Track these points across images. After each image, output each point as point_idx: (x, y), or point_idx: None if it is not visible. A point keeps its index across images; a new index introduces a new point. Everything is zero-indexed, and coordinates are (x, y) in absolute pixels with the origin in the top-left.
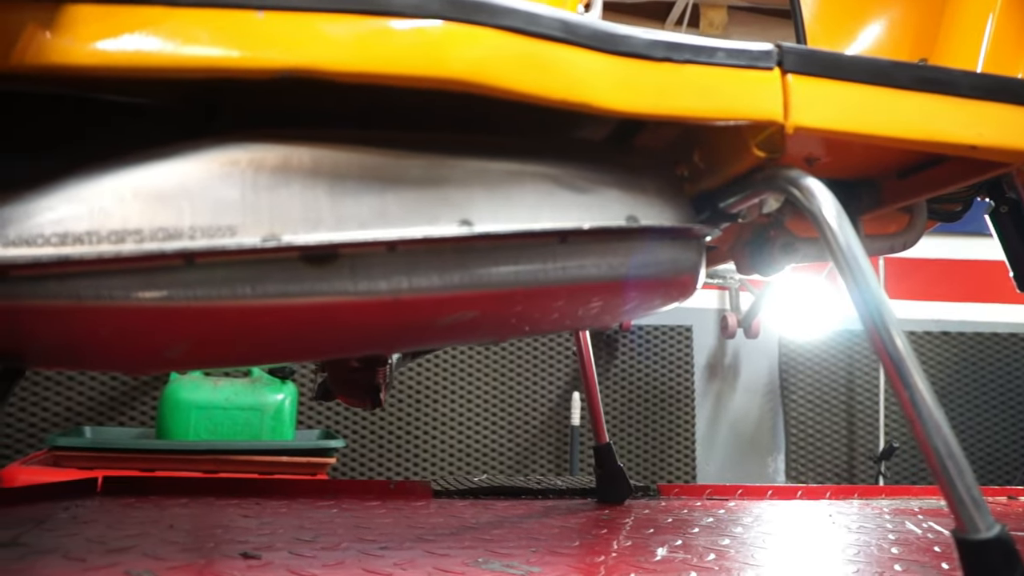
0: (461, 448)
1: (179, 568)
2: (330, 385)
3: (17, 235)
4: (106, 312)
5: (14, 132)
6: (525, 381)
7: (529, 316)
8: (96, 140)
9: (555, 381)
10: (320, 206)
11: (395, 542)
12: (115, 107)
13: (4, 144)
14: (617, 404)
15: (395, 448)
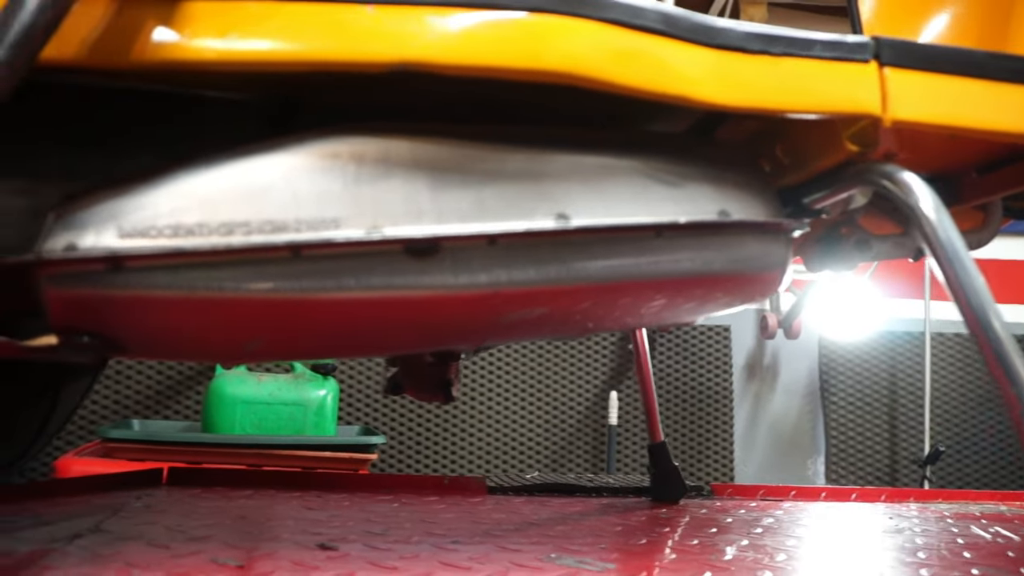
0: (497, 445)
1: (261, 557)
2: (401, 380)
3: (131, 227)
4: (214, 303)
5: (116, 127)
6: (562, 380)
7: (621, 311)
8: (188, 134)
9: (592, 380)
10: (421, 199)
11: (464, 537)
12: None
13: (109, 139)
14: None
15: (432, 445)
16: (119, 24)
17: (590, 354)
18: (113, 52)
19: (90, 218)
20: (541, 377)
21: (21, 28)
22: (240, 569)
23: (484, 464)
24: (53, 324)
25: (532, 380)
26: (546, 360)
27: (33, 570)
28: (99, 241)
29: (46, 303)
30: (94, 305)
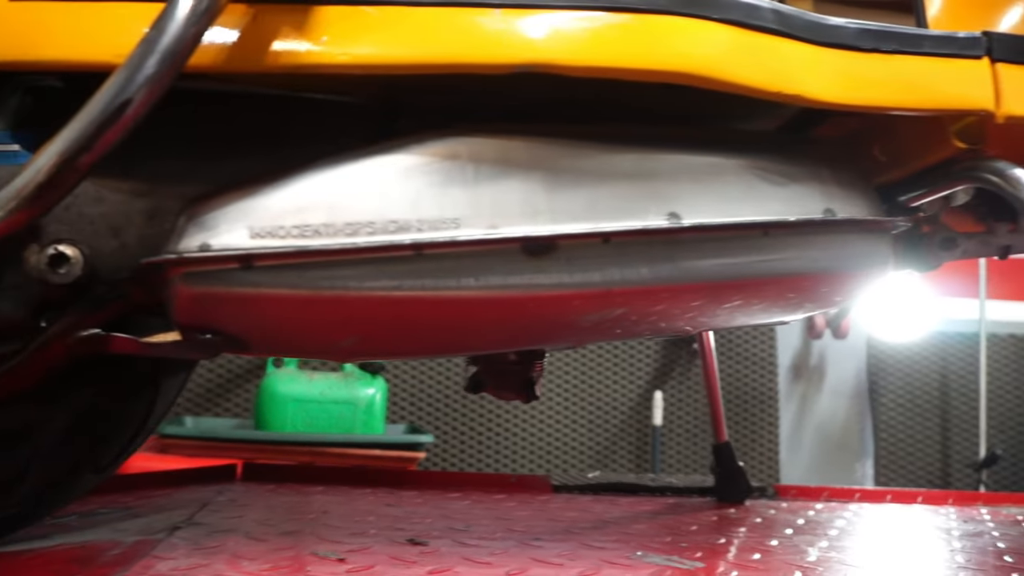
0: (540, 445)
1: (358, 551)
2: (482, 378)
3: (261, 227)
4: (338, 301)
5: (226, 131)
6: (606, 380)
7: (726, 310)
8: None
9: (636, 380)
10: (537, 199)
11: (545, 534)
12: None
13: (220, 142)
14: (699, 404)
15: (475, 444)
16: (254, 31)
17: (634, 354)
18: (248, 58)
19: (221, 219)
20: (585, 377)
21: (172, 40)
22: (341, 562)
23: (527, 463)
24: (178, 322)
25: (576, 380)
26: (590, 360)
27: (147, 559)
28: (231, 241)
29: (175, 301)
30: (222, 303)
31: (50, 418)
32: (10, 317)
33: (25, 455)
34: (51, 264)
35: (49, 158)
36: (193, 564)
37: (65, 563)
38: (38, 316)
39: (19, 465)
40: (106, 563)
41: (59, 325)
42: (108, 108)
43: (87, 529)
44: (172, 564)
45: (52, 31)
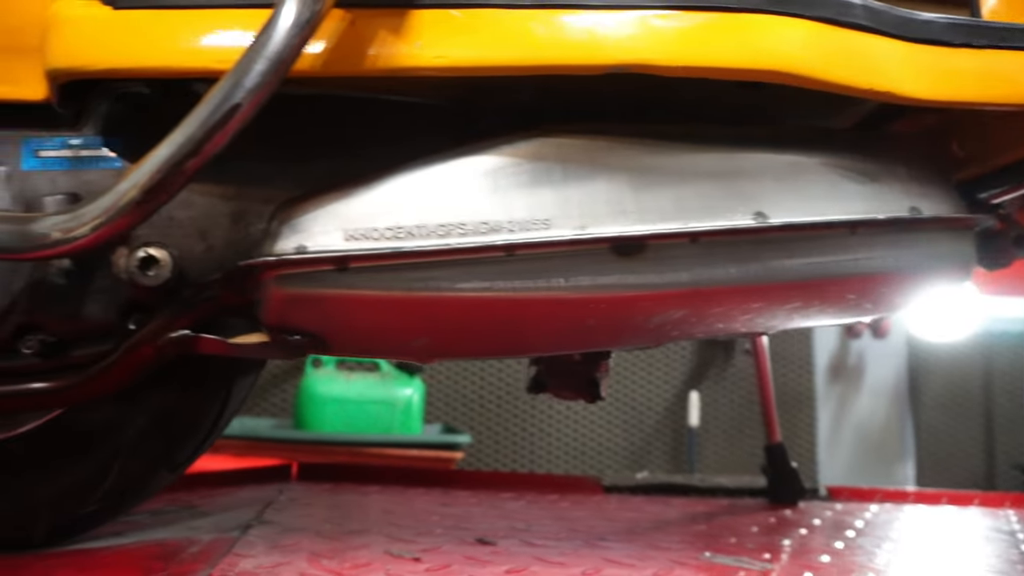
0: (575, 445)
1: (430, 550)
2: (544, 378)
3: (355, 229)
4: (430, 302)
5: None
6: (641, 380)
7: (810, 309)
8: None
9: (671, 380)
10: (625, 199)
11: (609, 534)
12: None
13: (317, 145)
14: (736, 405)
15: (511, 444)
16: (351, 36)
17: (669, 354)
18: (345, 62)
19: (316, 221)
20: (620, 377)
21: (279, 46)
22: (417, 561)
23: (562, 464)
24: (268, 323)
25: (611, 380)
26: (625, 360)
27: (229, 556)
28: (327, 243)
29: (267, 302)
30: (315, 304)
31: (130, 418)
32: (99, 319)
33: (106, 454)
34: (141, 267)
35: (157, 162)
36: (275, 562)
37: (147, 560)
38: (126, 318)
39: (101, 464)
40: (188, 560)
41: (150, 327)
42: (217, 113)
43: (159, 527)
44: (255, 562)
45: (155, 39)
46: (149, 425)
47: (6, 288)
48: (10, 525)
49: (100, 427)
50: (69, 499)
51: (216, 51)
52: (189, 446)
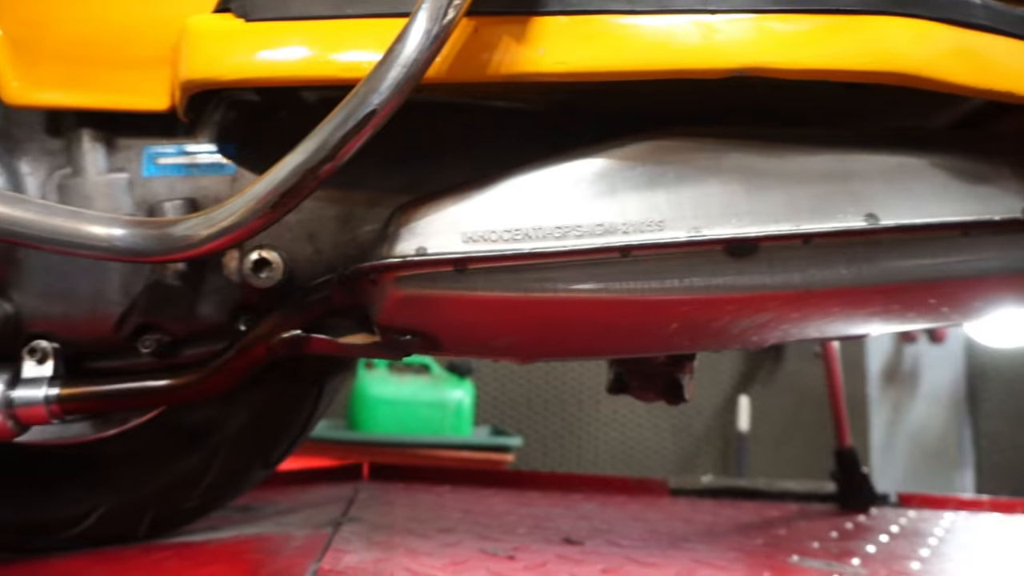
0: (623, 449)
1: (521, 548)
2: (627, 379)
3: (473, 231)
4: (546, 303)
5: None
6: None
7: (919, 311)
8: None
9: (719, 385)
10: (737, 200)
11: (691, 536)
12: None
13: (422, 150)
14: (785, 410)
15: (558, 447)
16: (476, 43)
17: (718, 358)
18: (469, 69)
19: (435, 224)
20: None
21: (415, 53)
22: (512, 559)
23: (610, 467)
24: (381, 323)
25: None
26: None
27: (331, 551)
28: (447, 245)
29: (384, 303)
30: (432, 305)
31: (231, 416)
32: (211, 319)
33: (208, 450)
34: (254, 269)
35: (291, 166)
36: (376, 558)
37: (250, 553)
38: (235, 319)
39: (203, 460)
40: (294, 554)
41: (263, 327)
42: (353, 119)
43: (248, 522)
44: (357, 557)
45: (285, 50)
46: (248, 423)
47: (127, 290)
48: (117, 518)
49: (202, 424)
50: (172, 493)
51: (345, 60)
52: (283, 443)
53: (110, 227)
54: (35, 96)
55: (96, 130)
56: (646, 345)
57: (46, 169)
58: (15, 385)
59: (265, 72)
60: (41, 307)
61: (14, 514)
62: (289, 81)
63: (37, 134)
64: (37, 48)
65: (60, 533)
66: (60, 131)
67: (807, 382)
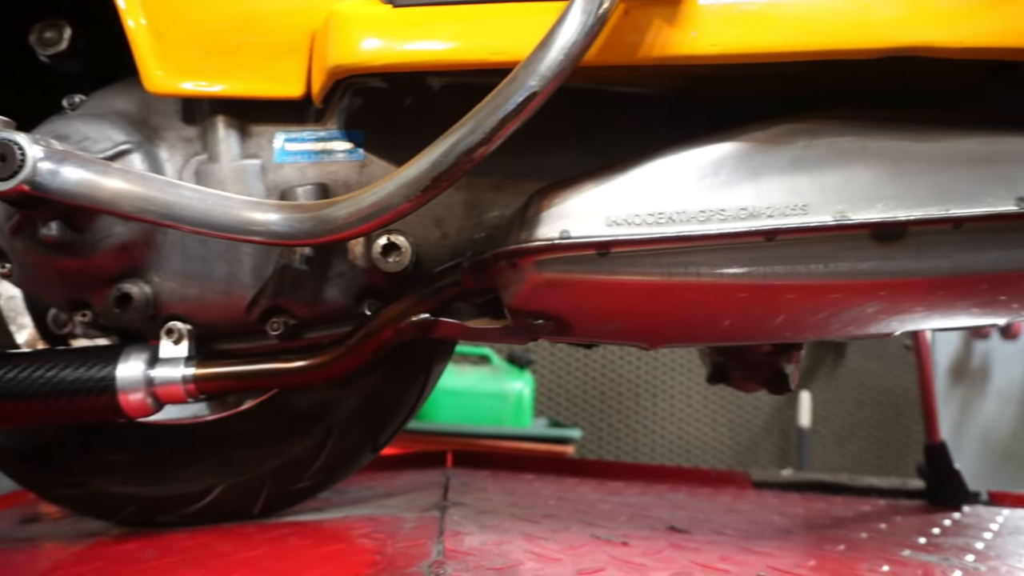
0: (679, 443)
1: (630, 535)
2: (728, 369)
3: (617, 215)
4: (687, 288)
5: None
6: None
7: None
8: (608, 129)
9: None
10: (883, 184)
11: (795, 528)
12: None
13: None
14: (846, 406)
15: (613, 439)
16: (627, 25)
17: None
18: (621, 51)
19: (577, 208)
20: None
21: (575, 37)
22: (626, 546)
23: (667, 461)
24: (514, 307)
25: None
26: None
27: (449, 533)
28: (591, 229)
29: (521, 287)
30: (570, 288)
31: (344, 399)
32: (336, 303)
33: (322, 432)
34: (383, 253)
35: (446, 149)
36: (495, 540)
37: (370, 533)
38: (359, 303)
39: (317, 442)
40: (411, 535)
41: (392, 310)
42: (513, 101)
43: (352, 504)
44: (477, 539)
45: (432, 35)
46: (360, 406)
47: (258, 274)
48: (235, 496)
49: (316, 407)
50: (287, 474)
51: (495, 45)
52: (391, 428)
53: (267, 212)
54: (177, 85)
55: (230, 117)
56: (778, 331)
57: (182, 156)
58: (154, 365)
59: (414, 58)
60: (178, 290)
61: (141, 490)
62: (438, 66)
63: (173, 122)
64: (180, 38)
65: (182, 509)
66: (195, 119)
67: (869, 378)
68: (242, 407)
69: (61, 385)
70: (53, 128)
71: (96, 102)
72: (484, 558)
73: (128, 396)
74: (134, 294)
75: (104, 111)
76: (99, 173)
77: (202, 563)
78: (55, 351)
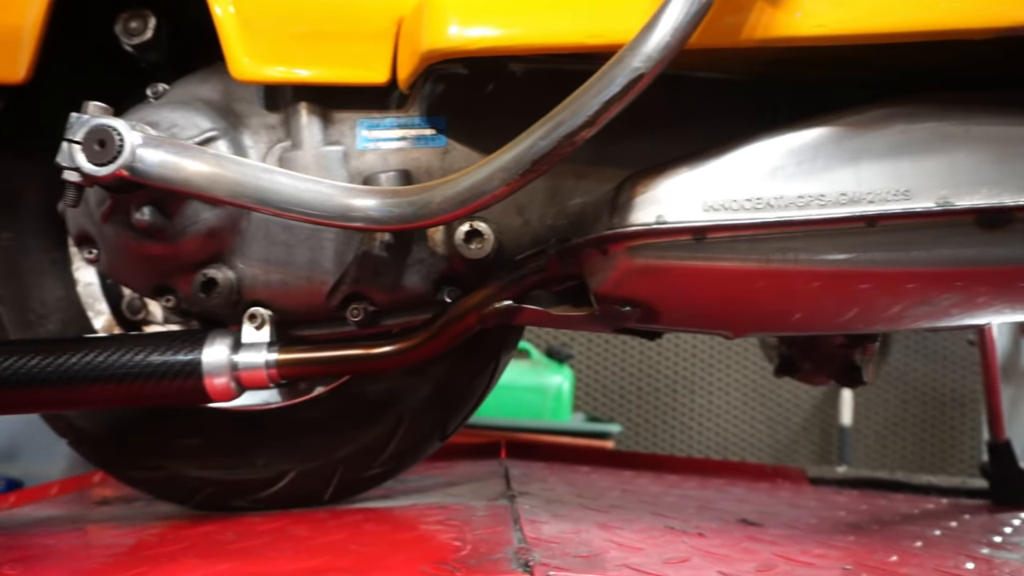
0: (717, 439)
1: (703, 527)
2: (798, 361)
3: (714, 200)
4: (786, 274)
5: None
6: None
7: None
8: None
9: None
10: (986, 169)
11: (864, 524)
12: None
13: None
14: (889, 404)
15: (649, 435)
16: (730, 6)
17: None
18: (724, 33)
19: (673, 193)
20: (763, 371)
21: (683, 18)
22: (702, 536)
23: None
24: (602, 293)
25: (755, 373)
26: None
27: (525, 521)
28: (688, 214)
29: (610, 272)
30: (663, 274)
31: (416, 387)
32: (415, 290)
33: (394, 420)
34: (466, 239)
35: (547, 131)
36: (573, 528)
37: (445, 520)
38: (438, 289)
39: (389, 429)
40: (487, 523)
41: (476, 296)
42: (618, 83)
43: (419, 493)
44: (554, 528)
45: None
46: (431, 395)
47: (340, 260)
48: (308, 482)
49: (388, 395)
50: (358, 460)
51: (591, 26)
52: (460, 416)
53: (365, 197)
54: (263, 72)
55: (313, 104)
56: (871, 319)
57: (266, 142)
58: (238, 350)
59: (514, 41)
60: (261, 275)
61: (217, 474)
62: (536, 49)
63: (256, 109)
64: (268, 26)
65: (255, 494)
66: (278, 106)
67: (913, 377)
68: (311, 394)
69: (149, 368)
70: (142, 115)
71: (180, 90)
72: (567, 546)
73: (213, 380)
74: (219, 280)
75: (189, 99)
76: (195, 159)
77: (283, 546)
78: (141, 336)
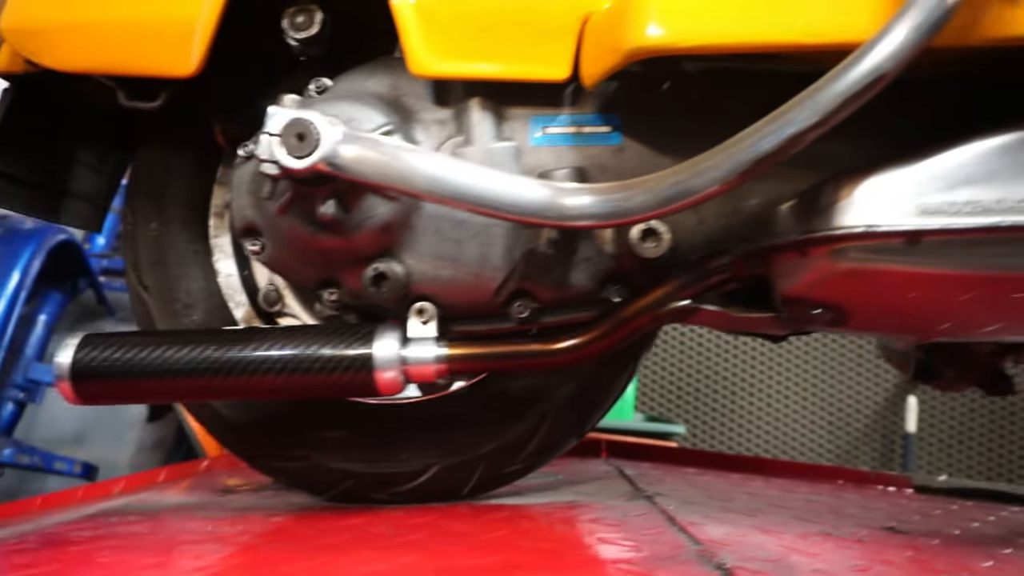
0: (776, 444)
1: (854, 532)
2: (940, 367)
3: (929, 204)
4: (1000, 280)
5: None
6: (848, 380)
7: None
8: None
9: (882, 382)
10: None
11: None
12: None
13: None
14: (956, 411)
15: (708, 438)
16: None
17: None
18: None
19: (884, 196)
20: (827, 376)
21: (931, 15)
22: (861, 543)
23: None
24: (791, 296)
25: (817, 378)
26: (831, 358)
27: (689, 524)
28: (900, 218)
29: (804, 275)
30: (869, 278)
31: (560, 385)
32: (580, 287)
33: (538, 417)
34: (641, 238)
35: (776, 129)
36: (735, 532)
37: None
38: (604, 287)
39: (532, 426)
40: (644, 523)
41: (652, 296)
42: (860, 82)
43: (545, 491)
44: (717, 530)
45: (744, 16)
46: (575, 393)
47: (509, 256)
48: (450, 477)
49: (531, 392)
50: (500, 456)
51: (809, 25)
52: (598, 414)
53: (573, 196)
54: (441, 67)
55: (485, 100)
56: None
57: (437, 138)
58: (406, 344)
59: (725, 39)
60: (430, 271)
61: (360, 466)
62: (748, 48)
63: (426, 104)
64: (449, 20)
65: (397, 487)
66: (448, 101)
67: None
68: (451, 389)
69: (321, 361)
70: (321, 109)
71: (347, 84)
72: (745, 549)
73: (383, 374)
74: (389, 274)
75: (360, 93)
76: (390, 154)
77: (449, 540)
78: (310, 328)
